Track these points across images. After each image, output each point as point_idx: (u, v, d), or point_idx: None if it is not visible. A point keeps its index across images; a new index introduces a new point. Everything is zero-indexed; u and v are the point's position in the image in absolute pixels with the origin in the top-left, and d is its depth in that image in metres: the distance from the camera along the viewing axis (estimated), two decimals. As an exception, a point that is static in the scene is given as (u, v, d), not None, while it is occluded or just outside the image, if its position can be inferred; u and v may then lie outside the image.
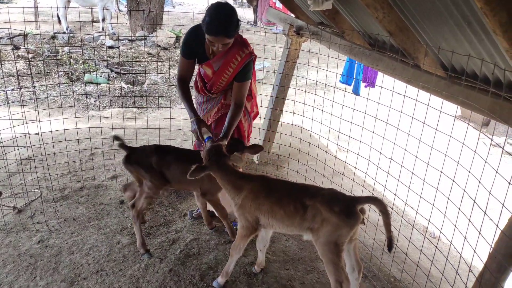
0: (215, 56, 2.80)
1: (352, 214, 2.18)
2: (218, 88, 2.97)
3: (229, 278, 2.69)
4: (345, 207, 2.19)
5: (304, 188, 2.41)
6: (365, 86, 5.19)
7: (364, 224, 2.29)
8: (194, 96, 3.15)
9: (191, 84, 2.99)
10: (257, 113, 3.31)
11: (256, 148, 2.64)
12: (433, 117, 2.37)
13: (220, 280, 2.66)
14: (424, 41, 2.41)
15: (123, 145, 2.87)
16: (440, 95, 2.28)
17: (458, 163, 2.27)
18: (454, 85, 2.23)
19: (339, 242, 2.21)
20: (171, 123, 4.16)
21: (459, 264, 2.52)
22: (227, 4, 2.59)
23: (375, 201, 2.23)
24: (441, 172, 2.36)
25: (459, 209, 2.33)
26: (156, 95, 7.40)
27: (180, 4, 19.28)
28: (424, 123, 2.39)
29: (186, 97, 2.83)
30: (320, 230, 2.25)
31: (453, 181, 2.32)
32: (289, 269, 2.92)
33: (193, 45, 2.81)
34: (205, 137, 2.59)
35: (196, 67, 3.04)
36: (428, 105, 2.30)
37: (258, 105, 3.32)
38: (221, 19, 2.49)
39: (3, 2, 15.98)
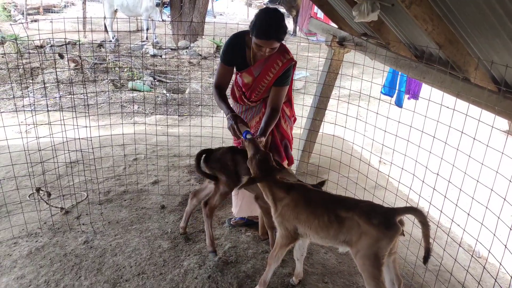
0: (256, 62, 2.83)
1: (391, 226, 2.13)
2: (257, 95, 2.98)
3: None
4: (384, 219, 2.15)
5: (341, 200, 2.39)
6: (408, 98, 5.08)
7: (404, 236, 2.23)
8: (232, 105, 3.18)
9: (228, 93, 3.03)
10: (295, 119, 3.32)
11: (285, 174, 2.57)
12: (481, 131, 2.29)
13: None
14: (475, 54, 2.34)
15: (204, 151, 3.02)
16: (492, 110, 2.20)
17: (510, 180, 2.17)
18: (507, 100, 2.15)
19: (379, 255, 2.16)
20: (212, 131, 4.23)
21: (509, 286, 2.40)
22: (276, 9, 2.64)
23: (415, 211, 2.17)
24: (491, 189, 2.27)
25: (510, 228, 2.22)
26: (197, 103, 7.55)
27: (221, 14, 19.63)
28: (474, 138, 2.31)
29: (222, 98, 2.86)
30: (359, 243, 2.21)
31: (504, 199, 2.22)
32: (327, 283, 2.88)
33: (234, 52, 2.86)
34: (242, 131, 2.61)
35: (232, 78, 3.08)
36: (479, 120, 2.22)
37: (297, 115, 3.32)
38: (272, 23, 2.54)
39: (54, 12, 16.84)
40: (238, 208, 3.36)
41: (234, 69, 2.99)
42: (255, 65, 2.83)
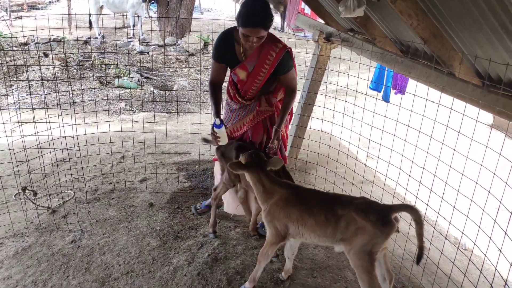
0: (248, 57, 2.82)
1: (388, 223, 2.15)
2: (252, 92, 2.98)
3: (256, 284, 2.69)
4: (381, 216, 2.17)
5: (336, 197, 2.40)
6: (395, 93, 5.12)
7: (398, 232, 2.25)
8: (227, 103, 3.18)
9: (224, 91, 3.04)
10: (292, 116, 3.35)
11: (275, 163, 2.59)
12: (466, 125, 2.32)
13: (248, 285, 2.66)
14: (459, 49, 2.37)
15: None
16: (477, 104, 2.23)
17: (494, 173, 2.21)
18: (491, 94, 2.18)
19: (373, 251, 2.19)
20: (200, 128, 4.21)
21: (493, 278, 2.44)
22: None
23: (411, 209, 2.20)
24: (476, 182, 2.30)
25: (495, 221, 2.26)
26: (185, 100, 7.51)
27: (208, 11, 19.53)
28: (459, 132, 2.34)
29: (215, 100, 2.91)
30: (354, 240, 2.22)
31: (489, 192, 2.26)
32: (316, 277, 2.89)
33: (224, 49, 2.85)
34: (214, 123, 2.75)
35: (227, 77, 3.08)
36: (463, 114, 2.25)
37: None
38: (258, 11, 2.53)
39: (38, 9, 16.59)
40: (226, 204, 3.40)
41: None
42: (247, 58, 2.82)
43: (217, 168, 3.37)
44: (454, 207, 2.49)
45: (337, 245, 2.34)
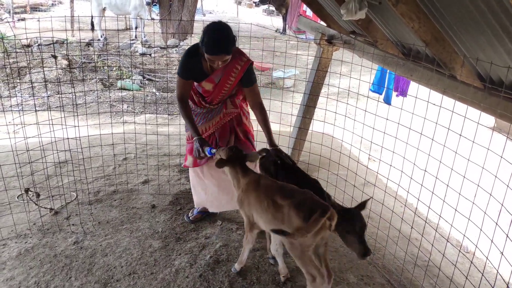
0: (214, 70, 2.89)
1: (314, 220, 2.18)
2: (219, 99, 3.08)
3: (243, 266, 2.88)
4: (309, 213, 2.20)
5: (282, 187, 2.48)
6: (397, 95, 5.12)
7: (331, 231, 2.27)
8: (192, 108, 3.18)
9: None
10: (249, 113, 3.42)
11: (253, 157, 2.78)
12: (468, 128, 2.33)
13: (237, 266, 2.88)
14: (461, 52, 2.37)
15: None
16: (478, 107, 2.23)
17: (496, 176, 2.21)
18: (492, 97, 2.19)
19: (303, 245, 2.26)
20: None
21: (495, 281, 2.44)
22: (222, 23, 2.74)
23: (326, 211, 2.18)
24: (478, 185, 2.31)
25: (496, 224, 2.26)
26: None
27: (210, 13, 19.56)
28: (460, 135, 2.35)
29: (188, 116, 2.96)
30: (287, 230, 2.29)
31: (490, 194, 2.26)
32: (318, 279, 2.89)
33: (191, 67, 2.91)
34: (206, 149, 2.78)
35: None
36: (465, 117, 2.26)
37: (287, 113, 3.34)
38: (220, 39, 2.63)
39: (41, 11, 16.64)
40: (210, 204, 3.42)
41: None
42: (214, 73, 2.90)
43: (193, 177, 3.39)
44: (455, 210, 2.50)
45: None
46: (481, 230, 2.37)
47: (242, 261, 2.88)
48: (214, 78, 2.92)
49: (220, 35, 2.64)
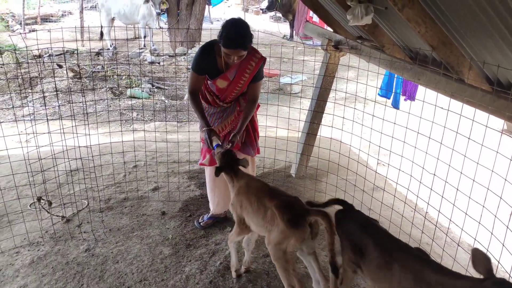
0: (228, 68, 2.95)
1: (298, 226, 2.19)
2: (233, 97, 3.14)
3: (237, 268, 2.90)
4: (295, 217, 2.20)
5: (270, 190, 2.51)
6: (405, 100, 5.11)
7: (313, 238, 2.28)
8: (205, 108, 3.23)
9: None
10: (259, 106, 3.43)
11: (244, 163, 2.79)
12: (477, 131, 2.32)
13: (233, 274, 2.90)
14: (468, 55, 2.37)
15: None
16: (486, 110, 2.23)
17: (505, 179, 2.20)
18: (500, 99, 2.18)
19: (287, 250, 2.25)
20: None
21: (508, 285, 2.41)
22: (241, 19, 2.83)
23: (323, 216, 2.17)
24: (488, 188, 2.29)
25: (507, 227, 2.24)
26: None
27: (218, 20, 19.66)
28: (469, 138, 2.34)
29: (199, 108, 3.02)
30: (272, 234, 2.31)
31: (501, 198, 2.25)
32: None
33: (205, 62, 2.97)
34: (214, 144, 2.84)
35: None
36: (473, 120, 2.25)
37: (295, 118, 3.35)
38: (238, 33, 2.70)
39: (52, 21, 16.89)
40: (216, 205, 3.47)
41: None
42: (229, 70, 2.96)
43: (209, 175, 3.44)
44: (466, 214, 2.48)
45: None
46: (491, 233, 2.36)
47: (233, 264, 2.90)
48: (228, 75, 2.98)
49: (238, 30, 2.71)
